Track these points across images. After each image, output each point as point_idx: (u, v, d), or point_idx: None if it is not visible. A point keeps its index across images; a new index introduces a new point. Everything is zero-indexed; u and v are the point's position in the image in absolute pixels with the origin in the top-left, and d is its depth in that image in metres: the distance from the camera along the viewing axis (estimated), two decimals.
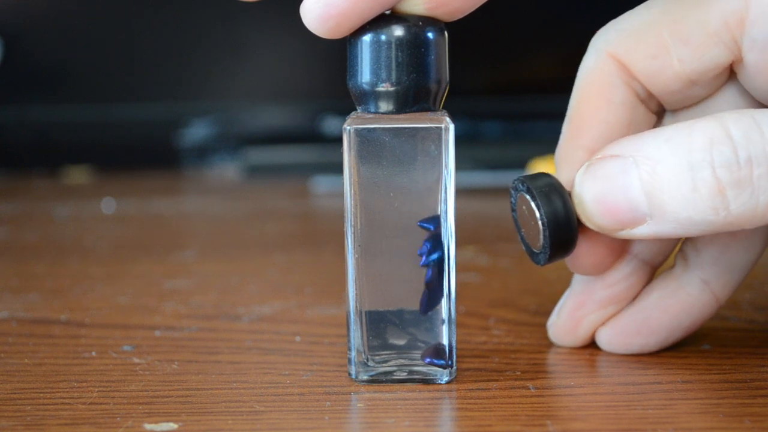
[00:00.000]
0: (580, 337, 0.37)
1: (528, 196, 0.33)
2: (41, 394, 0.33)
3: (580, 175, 0.33)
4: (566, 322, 0.37)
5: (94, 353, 0.38)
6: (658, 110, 0.36)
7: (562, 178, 0.35)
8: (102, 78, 0.90)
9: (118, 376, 0.35)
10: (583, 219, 0.33)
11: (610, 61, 0.34)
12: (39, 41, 0.88)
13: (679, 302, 0.36)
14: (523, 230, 0.34)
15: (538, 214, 0.33)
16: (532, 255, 0.34)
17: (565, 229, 0.33)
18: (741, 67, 0.33)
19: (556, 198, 0.33)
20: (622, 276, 0.37)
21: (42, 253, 0.58)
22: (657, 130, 0.32)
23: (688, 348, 0.37)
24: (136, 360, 0.37)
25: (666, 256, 0.37)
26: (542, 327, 0.40)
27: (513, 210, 0.35)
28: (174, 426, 0.30)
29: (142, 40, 0.89)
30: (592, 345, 0.37)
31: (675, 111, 0.36)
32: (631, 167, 0.31)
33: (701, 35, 0.33)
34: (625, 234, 0.32)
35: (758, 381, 0.34)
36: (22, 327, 0.42)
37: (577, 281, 0.37)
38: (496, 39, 0.83)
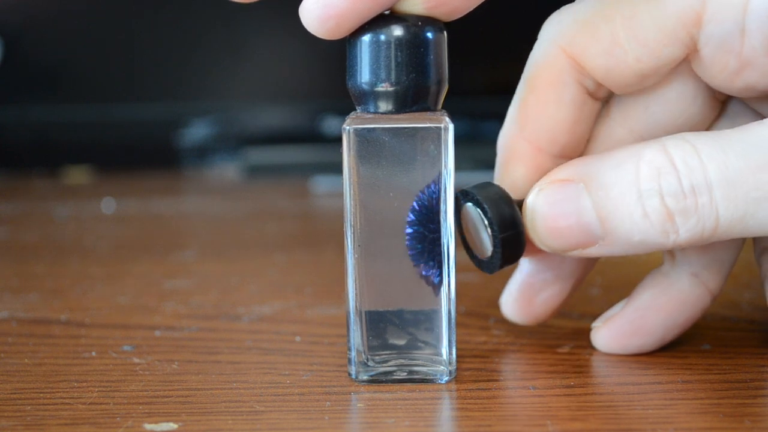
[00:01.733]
0: (534, 315, 0.38)
1: (476, 206, 0.33)
2: (41, 394, 0.33)
3: (531, 199, 0.33)
4: (519, 302, 0.38)
5: (94, 353, 0.38)
6: (606, 96, 0.36)
7: (503, 166, 0.35)
8: (102, 78, 0.90)
9: (118, 376, 0.35)
10: (536, 242, 0.34)
11: (563, 57, 0.34)
12: (39, 41, 0.88)
13: (672, 299, 0.36)
14: (468, 239, 0.35)
15: (486, 222, 0.33)
16: (481, 264, 0.35)
17: (515, 238, 0.33)
18: (697, 60, 0.34)
19: (504, 206, 0.33)
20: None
21: (42, 253, 0.58)
22: (605, 155, 0.33)
23: (688, 348, 0.37)
24: (136, 360, 0.37)
25: None
26: (542, 327, 0.40)
27: (458, 220, 0.35)
28: (174, 426, 0.30)
29: (142, 40, 0.89)
30: (592, 346, 0.37)
31: (623, 95, 0.36)
32: (582, 192, 0.32)
33: (658, 35, 0.33)
34: (576, 254, 0.33)
35: (758, 381, 0.34)
36: (22, 327, 0.42)
37: (524, 261, 0.38)
38: (496, 39, 0.83)
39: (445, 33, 0.32)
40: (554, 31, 0.34)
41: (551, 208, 0.33)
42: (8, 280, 0.51)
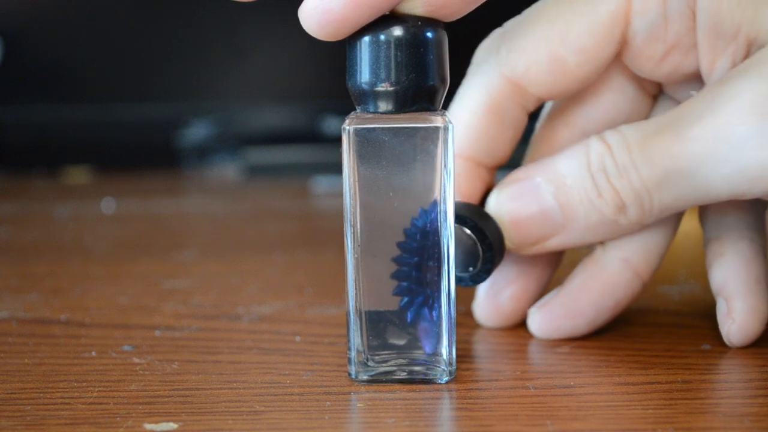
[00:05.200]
0: (503, 313, 0.39)
1: (456, 222, 0.34)
2: (41, 394, 0.33)
3: (493, 199, 0.36)
4: (486, 302, 0.39)
5: (94, 353, 0.38)
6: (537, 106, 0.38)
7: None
8: (102, 78, 0.90)
9: (118, 376, 0.35)
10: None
11: (506, 84, 0.36)
12: (39, 41, 0.88)
13: (601, 282, 0.37)
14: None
15: (476, 237, 0.35)
16: (470, 278, 0.36)
17: (500, 240, 0.36)
18: (627, 52, 0.36)
19: (481, 213, 0.36)
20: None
21: (42, 253, 0.58)
22: (556, 153, 0.36)
23: (688, 348, 0.37)
24: (136, 360, 0.37)
25: None
26: None
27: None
28: (174, 426, 0.30)
29: (143, 40, 0.89)
30: (592, 346, 0.37)
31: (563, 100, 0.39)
32: (541, 184, 0.35)
33: (594, 40, 0.36)
34: (537, 249, 0.36)
35: (758, 381, 0.34)
36: (22, 327, 0.42)
37: None
38: None
39: (445, 33, 0.32)
40: (495, 61, 0.36)
41: (514, 202, 0.36)
42: (8, 280, 0.51)
